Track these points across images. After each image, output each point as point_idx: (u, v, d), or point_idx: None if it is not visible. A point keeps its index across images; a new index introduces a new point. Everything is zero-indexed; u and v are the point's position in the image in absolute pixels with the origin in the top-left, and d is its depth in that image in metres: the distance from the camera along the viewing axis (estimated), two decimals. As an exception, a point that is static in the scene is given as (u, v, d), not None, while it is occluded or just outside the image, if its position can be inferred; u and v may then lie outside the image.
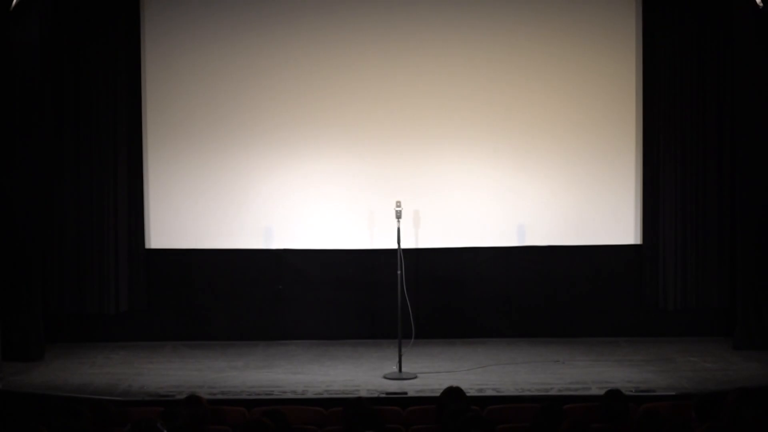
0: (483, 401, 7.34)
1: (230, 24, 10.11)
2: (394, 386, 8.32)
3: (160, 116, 10.14)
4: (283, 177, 10.16)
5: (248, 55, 10.12)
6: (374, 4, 10.11)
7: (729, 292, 9.93)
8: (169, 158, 10.16)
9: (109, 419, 6.53)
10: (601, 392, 6.89)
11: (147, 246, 10.14)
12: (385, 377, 8.64)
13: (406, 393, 8.06)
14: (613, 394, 6.62)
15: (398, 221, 8.80)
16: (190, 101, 10.15)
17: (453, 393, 6.57)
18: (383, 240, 9.89)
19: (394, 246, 8.85)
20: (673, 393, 7.93)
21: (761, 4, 9.14)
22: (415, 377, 8.61)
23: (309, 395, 8.08)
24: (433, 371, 8.82)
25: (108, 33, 9.94)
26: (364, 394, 7.92)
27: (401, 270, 8.78)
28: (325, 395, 8.02)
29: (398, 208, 8.79)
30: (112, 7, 9.93)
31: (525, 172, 10.16)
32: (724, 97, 9.93)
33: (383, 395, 7.98)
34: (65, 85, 9.94)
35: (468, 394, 6.75)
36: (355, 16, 10.12)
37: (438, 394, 6.71)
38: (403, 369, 8.71)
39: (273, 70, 10.14)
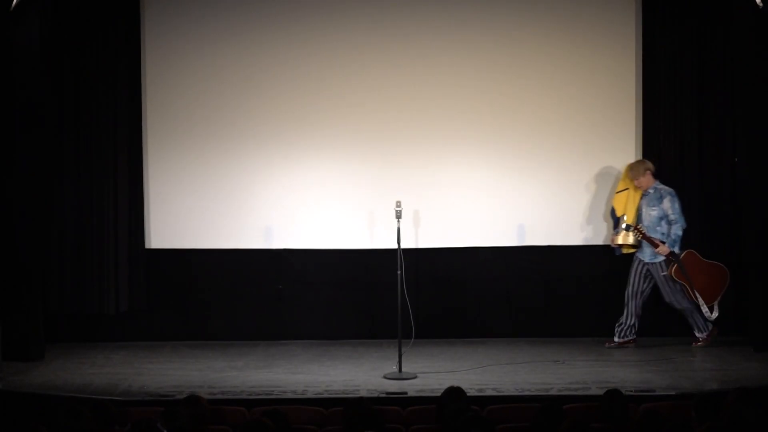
0: (483, 401, 7.32)
1: (231, 25, 10.11)
2: (394, 386, 8.30)
3: (160, 116, 10.14)
4: (283, 177, 10.17)
5: (249, 54, 10.11)
6: (374, 6, 10.12)
7: (728, 292, 9.91)
8: (169, 158, 10.16)
9: (109, 419, 6.53)
10: (601, 392, 6.88)
11: (147, 246, 10.14)
12: (385, 377, 8.63)
13: (406, 393, 8.03)
14: (613, 394, 6.62)
15: (398, 221, 8.78)
16: (190, 101, 10.16)
17: (453, 393, 6.56)
18: (383, 240, 9.89)
19: (394, 246, 8.84)
20: (673, 393, 7.92)
21: (761, 4, 9.13)
22: (415, 377, 8.60)
23: (309, 395, 8.05)
24: (433, 371, 8.81)
25: (108, 33, 9.94)
26: (364, 394, 7.89)
27: (401, 270, 8.77)
28: (325, 395, 7.99)
29: (398, 208, 8.77)
30: (112, 7, 9.93)
31: (525, 172, 10.17)
32: (724, 97, 9.93)
33: (383, 395, 7.97)
34: (65, 85, 9.94)
35: (468, 394, 6.73)
36: (355, 17, 10.12)
37: (438, 394, 6.70)
38: (403, 369, 8.70)
39: (273, 70, 10.14)
